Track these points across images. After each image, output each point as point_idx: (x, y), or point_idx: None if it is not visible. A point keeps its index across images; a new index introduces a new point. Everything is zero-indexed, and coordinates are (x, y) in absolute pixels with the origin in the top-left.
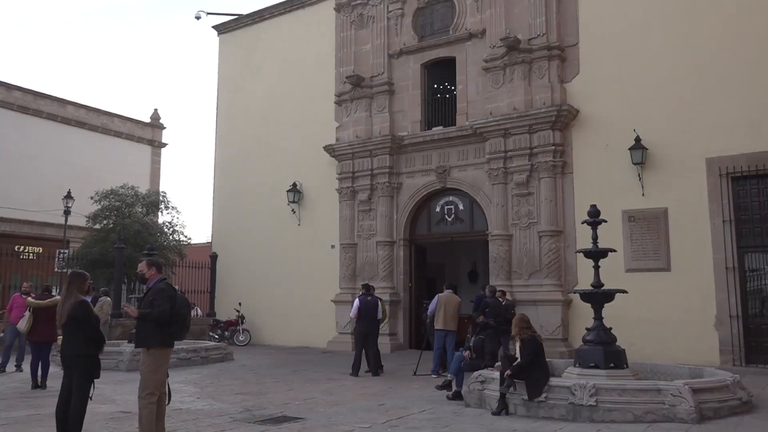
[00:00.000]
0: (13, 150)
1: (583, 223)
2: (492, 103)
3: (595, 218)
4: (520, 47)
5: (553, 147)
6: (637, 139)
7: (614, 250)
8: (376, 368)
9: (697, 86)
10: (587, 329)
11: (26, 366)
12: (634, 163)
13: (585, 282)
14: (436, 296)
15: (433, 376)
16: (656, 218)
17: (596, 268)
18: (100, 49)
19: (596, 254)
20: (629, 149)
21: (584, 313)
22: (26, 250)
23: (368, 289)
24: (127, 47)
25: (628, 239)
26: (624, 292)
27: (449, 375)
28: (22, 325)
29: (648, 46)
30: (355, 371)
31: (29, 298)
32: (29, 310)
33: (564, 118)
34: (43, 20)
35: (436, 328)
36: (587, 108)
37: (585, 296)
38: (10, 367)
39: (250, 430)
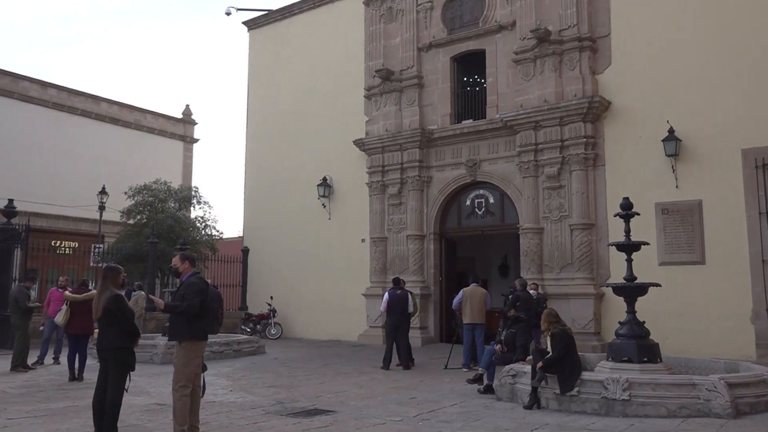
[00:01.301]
0: (49, 147)
1: (615, 216)
2: (522, 96)
3: (627, 211)
4: (551, 39)
5: (585, 139)
6: (671, 131)
7: (647, 243)
8: (407, 362)
9: (732, 75)
10: (620, 323)
11: (64, 358)
12: (668, 155)
13: (617, 275)
14: (461, 290)
15: (464, 369)
16: (690, 211)
17: (629, 261)
18: (134, 47)
19: (629, 247)
20: (662, 141)
21: (617, 307)
22: (63, 245)
23: (398, 282)
24: (160, 44)
25: (661, 232)
26: (657, 285)
27: (480, 368)
28: (60, 318)
29: (681, 35)
30: (386, 365)
31: (66, 292)
32: (66, 304)
33: (596, 110)
34: (77, 19)
35: (464, 322)
36: (619, 99)
37: (618, 290)
38: (48, 359)
39: (283, 422)
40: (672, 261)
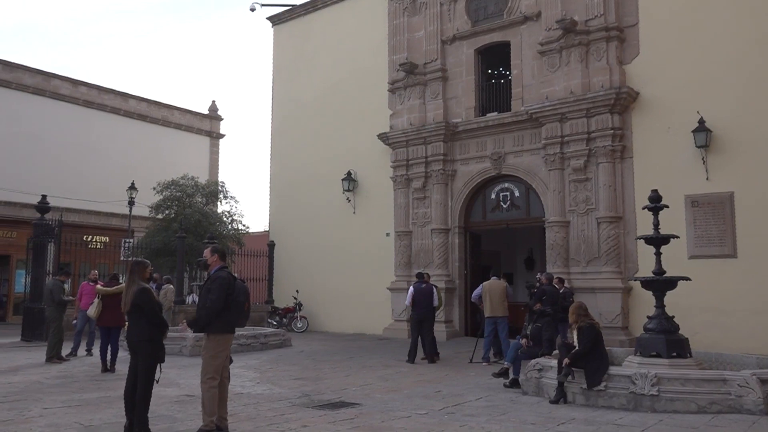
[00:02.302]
0: (80, 144)
1: (643, 208)
2: (548, 87)
3: (656, 203)
4: (577, 29)
5: (612, 131)
6: (701, 121)
7: (677, 237)
8: (432, 355)
9: (765, 63)
10: (648, 317)
11: (96, 350)
12: (698, 146)
13: (646, 269)
14: (481, 285)
15: (484, 363)
16: (721, 203)
17: (658, 254)
18: (161, 44)
19: (658, 240)
20: (692, 132)
21: (645, 301)
22: (94, 240)
23: (422, 276)
24: (186, 41)
25: (691, 225)
26: (687, 279)
27: (506, 363)
28: (92, 311)
29: (712, 24)
30: (411, 358)
31: (98, 286)
32: (98, 297)
33: (623, 101)
34: (104, 18)
35: (485, 316)
36: (648, 90)
37: (646, 284)
38: (81, 351)
39: (309, 414)
40: (702, 254)
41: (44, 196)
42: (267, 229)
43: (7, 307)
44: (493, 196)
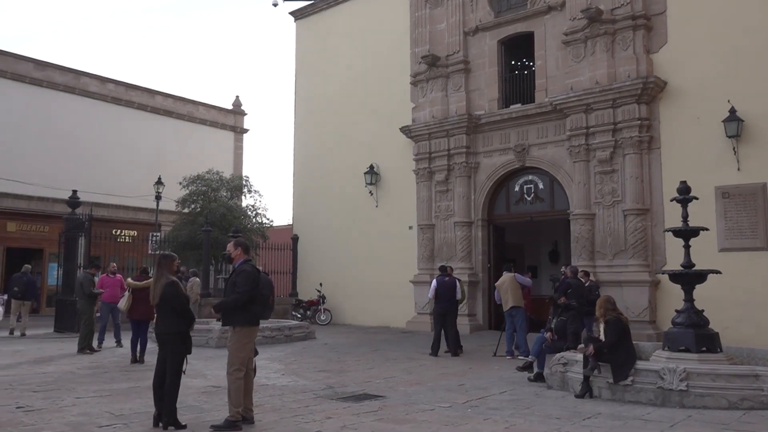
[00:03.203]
0: (108, 140)
1: (672, 200)
2: (572, 78)
3: (685, 195)
4: (603, 18)
5: (639, 121)
6: (732, 111)
7: (706, 229)
8: (455, 349)
9: None
10: (677, 311)
11: (126, 341)
12: (729, 136)
13: (674, 262)
14: (496, 287)
15: (508, 357)
16: (753, 194)
17: (686, 247)
18: (184, 40)
19: (687, 233)
20: (723, 121)
21: (673, 295)
22: (122, 234)
23: (445, 270)
24: (210, 37)
25: (721, 217)
26: (717, 272)
27: (530, 356)
28: (122, 304)
29: (742, 10)
30: (435, 351)
31: (129, 279)
32: (129, 290)
33: (651, 91)
34: (131, 15)
35: (504, 310)
36: (676, 79)
37: (674, 277)
38: (109, 342)
39: (333, 406)
40: (733, 247)
41: (75, 192)
42: (290, 223)
43: (41, 299)
44: (516, 189)
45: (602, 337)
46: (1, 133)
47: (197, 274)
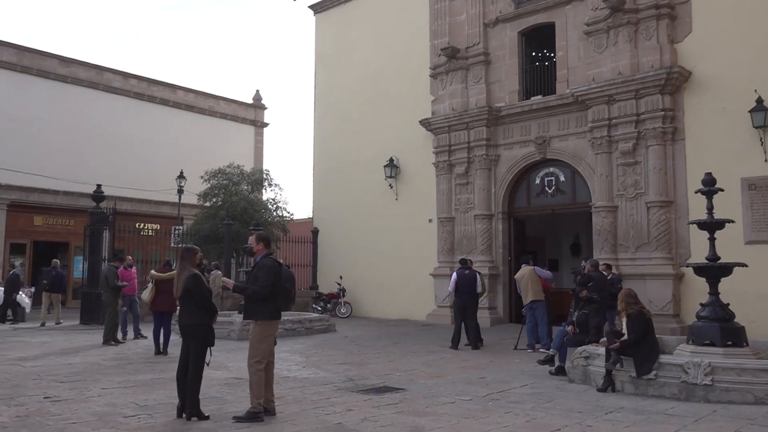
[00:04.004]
0: (131, 134)
1: (696, 192)
2: (594, 69)
3: (710, 187)
4: (625, 7)
5: (663, 112)
6: (759, 101)
7: (732, 221)
8: (476, 342)
9: None
10: (702, 305)
11: (147, 333)
12: (755, 127)
13: (699, 255)
14: (515, 279)
15: (529, 350)
16: None
17: (711, 240)
18: (206, 35)
19: (712, 225)
20: (750, 111)
21: (698, 288)
22: (146, 227)
23: (465, 263)
24: (230, 32)
25: (748, 209)
26: (743, 265)
27: (552, 350)
28: (145, 295)
29: None
30: (455, 344)
31: (152, 271)
32: (152, 282)
33: (674, 81)
34: (152, 12)
35: (524, 303)
36: (701, 69)
37: (699, 270)
38: (130, 334)
39: (354, 398)
40: (760, 240)
41: (99, 186)
42: (311, 216)
43: (67, 291)
44: (537, 181)
45: (624, 330)
46: (28, 128)
47: (219, 267)
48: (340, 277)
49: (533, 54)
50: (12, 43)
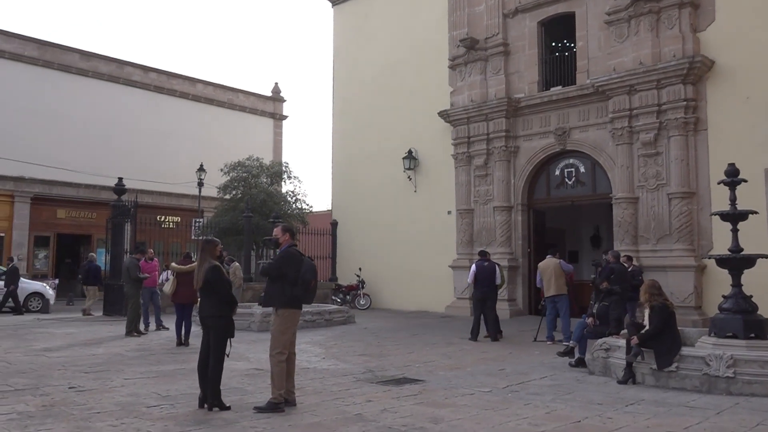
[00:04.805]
0: (152, 128)
1: (719, 183)
2: (615, 59)
3: (733, 177)
4: None
5: (685, 102)
6: None
7: (755, 212)
8: (495, 333)
9: None
10: (724, 297)
11: (168, 324)
12: None
13: (721, 247)
14: (538, 269)
15: (549, 342)
16: None
17: (734, 231)
18: (225, 29)
19: (734, 216)
20: None
21: (720, 280)
22: (166, 220)
23: (484, 254)
24: (249, 25)
25: None
26: (767, 257)
27: (572, 342)
28: (167, 288)
29: None
30: (474, 336)
31: (173, 264)
32: (173, 275)
33: (697, 71)
34: (170, 5)
35: (545, 296)
36: (724, 58)
37: (722, 262)
38: (153, 325)
39: (373, 389)
40: None
41: (120, 179)
42: (330, 208)
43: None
44: (557, 173)
45: (646, 322)
46: (50, 122)
47: (235, 260)
48: (360, 269)
49: (553, 44)
50: (34, 38)
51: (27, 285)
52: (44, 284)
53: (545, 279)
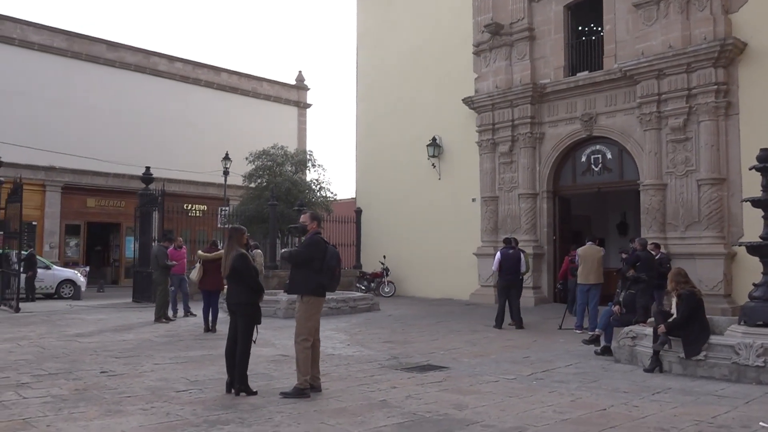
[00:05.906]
0: (178, 117)
1: (751, 169)
2: (644, 42)
3: (765, 163)
4: None
5: (716, 86)
6: None
7: None
8: (520, 321)
9: None
10: (755, 285)
11: (197, 311)
12: None
13: (752, 234)
14: (576, 251)
15: (577, 331)
16: None
17: (766, 218)
18: (249, 17)
19: (766, 203)
20: None
21: (750, 268)
22: (193, 208)
23: (509, 242)
24: (273, 13)
25: None
26: None
27: (597, 330)
28: (194, 275)
29: None
30: (499, 324)
31: (199, 251)
32: (199, 262)
33: (729, 54)
34: None
35: (578, 282)
36: (758, 40)
37: (752, 249)
38: (181, 312)
39: (398, 376)
40: None
41: (147, 168)
42: (354, 196)
43: (119, 270)
44: (583, 159)
45: (674, 310)
46: (78, 113)
47: (258, 247)
48: (384, 257)
49: (579, 29)
50: (63, 30)
51: (59, 272)
52: (75, 271)
53: (586, 266)
